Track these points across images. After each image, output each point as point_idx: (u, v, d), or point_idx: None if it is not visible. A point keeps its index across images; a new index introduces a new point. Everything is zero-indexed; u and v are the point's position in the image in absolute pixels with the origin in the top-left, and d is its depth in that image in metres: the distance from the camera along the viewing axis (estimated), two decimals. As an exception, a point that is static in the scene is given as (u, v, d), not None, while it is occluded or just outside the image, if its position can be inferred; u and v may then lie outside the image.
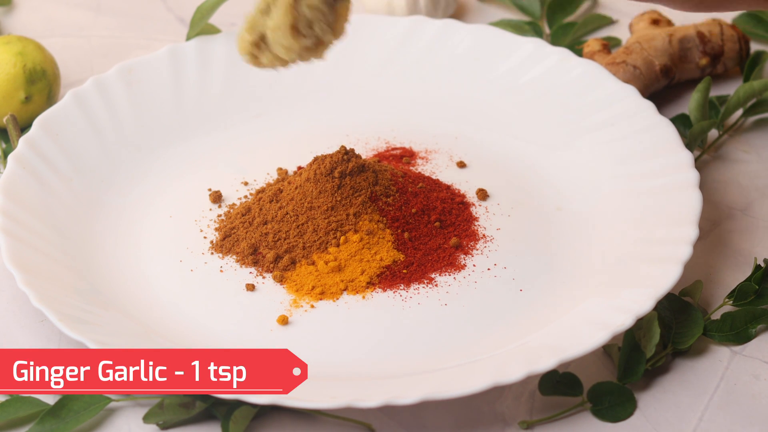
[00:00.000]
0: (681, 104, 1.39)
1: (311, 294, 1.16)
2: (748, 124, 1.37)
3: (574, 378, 1.09)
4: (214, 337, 1.13)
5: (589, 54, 1.39)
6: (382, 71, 1.37)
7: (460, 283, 1.18)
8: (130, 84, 1.32)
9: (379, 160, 1.28)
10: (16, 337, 1.14)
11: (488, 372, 1.06)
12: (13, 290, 1.17)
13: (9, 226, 1.17)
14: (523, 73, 1.35)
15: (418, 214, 1.21)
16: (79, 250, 1.19)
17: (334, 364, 1.11)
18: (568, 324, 1.12)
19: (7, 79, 1.32)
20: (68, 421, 1.06)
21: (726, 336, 1.14)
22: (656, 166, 1.23)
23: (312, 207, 1.20)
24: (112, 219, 1.23)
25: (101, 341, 1.07)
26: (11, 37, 1.34)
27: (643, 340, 1.11)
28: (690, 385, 1.10)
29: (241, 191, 1.27)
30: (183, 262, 1.20)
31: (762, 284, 1.17)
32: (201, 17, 1.35)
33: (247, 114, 1.35)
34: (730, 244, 1.23)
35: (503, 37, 1.37)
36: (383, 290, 1.17)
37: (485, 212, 1.24)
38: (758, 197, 1.28)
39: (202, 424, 1.07)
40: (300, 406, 1.04)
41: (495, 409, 1.08)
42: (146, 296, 1.16)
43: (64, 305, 1.11)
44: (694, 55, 1.39)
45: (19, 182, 1.21)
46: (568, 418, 1.08)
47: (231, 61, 1.36)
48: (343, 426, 1.07)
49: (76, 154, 1.27)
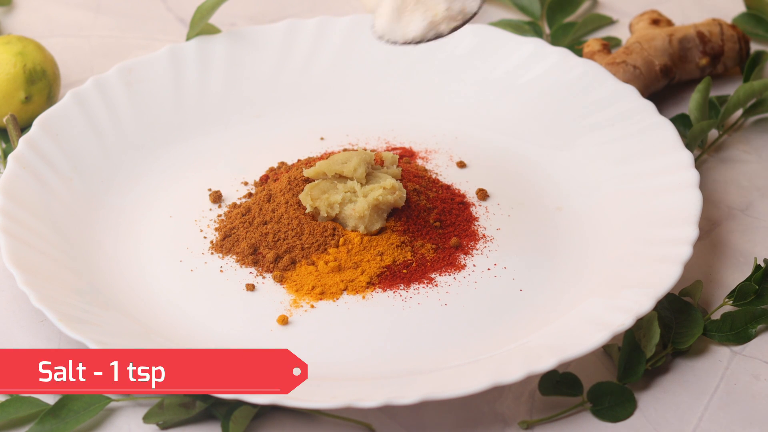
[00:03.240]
0: (681, 104, 1.39)
1: (311, 294, 1.16)
2: (748, 124, 1.37)
3: (574, 378, 1.09)
4: (214, 337, 1.13)
5: (589, 54, 1.39)
6: (382, 71, 1.37)
7: (460, 283, 1.18)
8: (130, 84, 1.32)
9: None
10: (16, 337, 1.14)
11: (488, 372, 1.06)
12: (13, 290, 1.17)
13: (9, 226, 1.17)
14: (523, 73, 1.35)
15: (417, 213, 1.21)
16: (79, 250, 1.19)
17: (334, 364, 1.11)
18: (568, 324, 1.12)
19: (7, 79, 1.32)
20: (68, 421, 1.06)
21: (726, 336, 1.14)
22: (656, 166, 1.23)
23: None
24: (112, 219, 1.23)
25: (101, 341, 1.07)
26: (11, 37, 1.34)
27: (643, 340, 1.11)
28: (690, 385, 1.10)
29: (241, 191, 1.27)
30: (183, 262, 1.20)
31: (762, 284, 1.17)
32: (201, 17, 1.35)
33: (247, 114, 1.35)
34: (730, 244, 1.23)
35: (503, 37, 1.37)
36: (383, 290, 1.17)
37: (485, 212, 1.24)
38: (758, 197, 1.28)
39: (202, 424, 1.07)
40: (300, 406, 1.04)
41: (495, 409, 1.08)
42: (146, 296, 1.16)
43: (64, 305, 1.11)
44: (694, 55, 1.39)
45: (19, 182, 1.21)
46: (568, 418, 1.08)
47: (231, 61, 1.36)
48: (343, 426, 1.07)
49: (76, 154, 1.27)
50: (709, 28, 1.40)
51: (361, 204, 1.18)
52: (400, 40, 1.12)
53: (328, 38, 1.37)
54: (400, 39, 1.12)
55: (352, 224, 1.19)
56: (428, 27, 1.12)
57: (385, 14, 1.12)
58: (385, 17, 1.12)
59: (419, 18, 1.12)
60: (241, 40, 1.37)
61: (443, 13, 1.12)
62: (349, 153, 1.22)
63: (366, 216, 1.18)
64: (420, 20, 1.12)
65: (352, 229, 1.19)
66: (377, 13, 1.12)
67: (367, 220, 1.19)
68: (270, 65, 1.37)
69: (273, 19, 1.51)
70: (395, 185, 1.20)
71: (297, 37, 1.37)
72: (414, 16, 1.12)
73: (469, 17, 1.12)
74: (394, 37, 1.12)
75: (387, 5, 1.12)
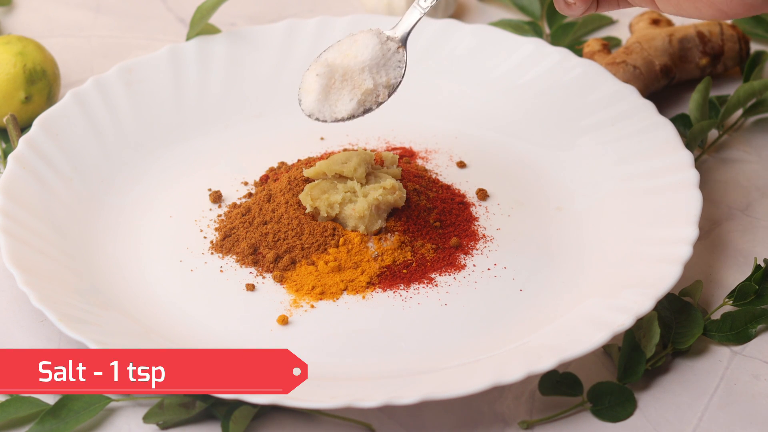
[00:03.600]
0: (681, 104, 1.39)
1: (311, 294, 1.16)
2: (748, 124, 1.37)
3: (574, 378, 1.09)
4: (214, 337, 1.13)
5: (589, 54, 1.39)
6: (382, 71, 1.37)
7: (460, 283, 1.18)
8: (130, 84, 1.32)
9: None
10: (16, 337, 1.14)
11: (488, 372, 1.06)
12: (13, 290, 1.17)
13: (9, 226, 1.17)
14: (523, 73, 1.35)
15: (417, 213, 1.21)
16: (79, 250, 1.19)
17: (334, 364, 1.11)
18: (568, 324, 1.12)
19: (7, 79, 1.32)
20: (68, 421, 1.06)
21: (726, 336, 1.14)
22: (656, 166, 1.23)
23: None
24: (112, 219, 1.23)
25: (101, 341, 1.07)
26: (11, 37, 1.34)
27: (643, 340, 1.11)
28: (690, 385, 1.10)
29: (241, 191, 1.27)
30: (183, 262, 1.20)
31: (762, 284, 1.17)
32: (201, 17, 1.35)
33: (247, 114, 1.35)
34: (730, 244, 1.23)
35: (503, 37, 1.37)
36: (383, 290, 1.17)
37: (485, 212, 1.24)
38: (758, 197, 1.28)
39: (202, 424, 1.07)
40: (300, 406, 1.04)
41: (495, 409, 1.08)
42: (146, 296, 1.16)
43: (64, 305, 1.11)
44: (694, 55, 1.39)
45: (19, 182, 1.21)
46: (568, 418, 1.08)
47: (231, 61, 1.36)
48: (343, 426, 1.07)
49: (76, 154, 1.27)
50: (709, 28, 1.40)
51: (361, 204, 1.18)
52: (330, 119, 1.14)
53: (328, 38, 1.37)
54: (329, 118, 1.14)
55: (352, 224, 1.19)
56: (357, 105, 1.13)
57: (313, 92, 1.13)
58: (313, 95, 1.14)
59: (347, 96, 1.14)
60: (241, 40, 1.37)
61: (370, 89, 1.13)
62: (349, 153, 1.22)
63: (366, 216, 1.18)
64: (348, 98, 1.14)
65: (352, 229, 1.19)
66: (304, 90, 1.14)
67: (367, 220, 1.19)
68: (270, 65, 1.37)
69: (273, 19, 1.51)
70: (395, 185, 1.20)
71: (297, 37, 1.37)
72: (341, 94, 1.14)
73: (395, 89, 1.15)
74: (323, 116, 1.15)
75: (314, 83, 1.13)
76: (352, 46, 1.14)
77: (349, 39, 1.15)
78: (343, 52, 1.14)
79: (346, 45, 1.14)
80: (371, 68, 1.14)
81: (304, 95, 1.15)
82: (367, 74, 1.13)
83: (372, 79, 1.14)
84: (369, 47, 1.13)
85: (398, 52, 1.14)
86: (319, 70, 1.13)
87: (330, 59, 1.14)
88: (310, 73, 1.14)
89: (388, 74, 1.15)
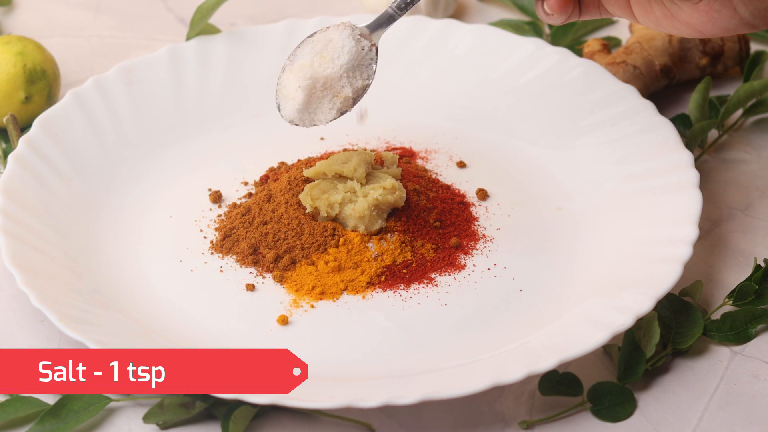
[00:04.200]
0: (681, 104, 1.39)
1: (311, 294, 1.16)
2: (748, 124, 1.37)
3: (574, 378, 1.09)
4: (214, 337, 1.13)
5: (589, 54, 1.39)
6: (382, 71, 1.37)
7: (460, 283, 1.18)
8: (130, 84, 1.32)
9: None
10: (16, 337, 1.14)
11: (488, 372, 1.06)
12: (13, 290, 1.17)
13: (9, 226, 1.17)
14: (523, 73, 1.35)
15: (417, 213, 1.21)
16: (79, 250, 1.19)
17: (334, 364, 1.11)
18: (568, 324, 1.12)
19: (7, 79, 1.32)
20: (68, 421, 1.06)
21: (726, 336, 1.14)
22: (656, 166, 1.23)
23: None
24: (112, 219, 1.23)
25: (101, 341, 1.07)
26: (11, 37, 1.34)
27: (643, 340, 1.11)
28: (690, 385, 1.10)
29: (241, 191, 1.27)
30: (183, 262, 1.20)
31: (762, 284, 1.17)
32: (201, 17, 1.35)
33: (247, 114, 1.35)
34: (730, 244, 1.23)
35: (503, 37, 1.37)
36: (383, 290, 1.17)
37: (485, 212, 1.24)
38: (758, 197, 1.28)
39: (202, 424, 1.07)
40: (300, 406, 1.04)
41: (495, 409, 1.08)
42: (146, 296, 1.16)
43: (64, 305, 1.11)
44: (694, 55, 1.39)
45: (19, 182, 1.21)
46: (568, 418, 1.08)
47: (231, 61, 1.36)
48: (343, 426, 1.07)
49: (76, 154, 1.27)
50: (709, 28, 1.40)
51: (361, 204, 1.18)
52: (308, 125, 1.16)
53: (328, 38, 1.37)
54: (308, 124, 1.16)
55: (352, 224, 1.19)
56: (336, 112, 1.15)
57: (295, 102, 1.15)
58: (295, 105, 1.15)
59: (327, 105, 1.15)
60: (241, 40, 1.37)
61: (349, 96, 1.15)
62: (349, 153, 1.22)
63: (366, 216, 1.18)
64: (328, 107, 1.15)
65: (352, 229, 1.19)
66: (283, 96, 1.15)
67: (367, 220, 1.19)
68: (270, 65, 1.37)
69: (273, 19, 1.51)
70: (395, 185, 1.20)
71: (297, 37, 1.37)
72: (322, 103, 1.15)
73: (367, 90, 1.16)
74: (302, 123, 1.16)
75: (297, 94, 1.14)
76: (327, 45, 1.14)
77: (322, 36, 1.15)
78: (318, 52, 1.14)
79: (321, 44, 1.15)
80: (348, 72, 1.14)
81: (283, 101, 1.16)
82: (345, 81, 1.14)
83: (350, 85, 1.15)
84: (345, 49, 1.14)
85: (371, 50, 1.15)
86: (301, 83, 1.14)
87: (308, 67, 1.14)
88: (290, 80, 1.15)
89: (362, 75, 1.15)
